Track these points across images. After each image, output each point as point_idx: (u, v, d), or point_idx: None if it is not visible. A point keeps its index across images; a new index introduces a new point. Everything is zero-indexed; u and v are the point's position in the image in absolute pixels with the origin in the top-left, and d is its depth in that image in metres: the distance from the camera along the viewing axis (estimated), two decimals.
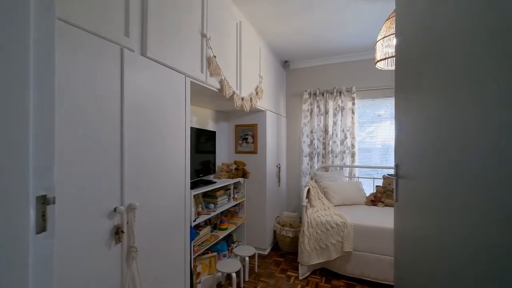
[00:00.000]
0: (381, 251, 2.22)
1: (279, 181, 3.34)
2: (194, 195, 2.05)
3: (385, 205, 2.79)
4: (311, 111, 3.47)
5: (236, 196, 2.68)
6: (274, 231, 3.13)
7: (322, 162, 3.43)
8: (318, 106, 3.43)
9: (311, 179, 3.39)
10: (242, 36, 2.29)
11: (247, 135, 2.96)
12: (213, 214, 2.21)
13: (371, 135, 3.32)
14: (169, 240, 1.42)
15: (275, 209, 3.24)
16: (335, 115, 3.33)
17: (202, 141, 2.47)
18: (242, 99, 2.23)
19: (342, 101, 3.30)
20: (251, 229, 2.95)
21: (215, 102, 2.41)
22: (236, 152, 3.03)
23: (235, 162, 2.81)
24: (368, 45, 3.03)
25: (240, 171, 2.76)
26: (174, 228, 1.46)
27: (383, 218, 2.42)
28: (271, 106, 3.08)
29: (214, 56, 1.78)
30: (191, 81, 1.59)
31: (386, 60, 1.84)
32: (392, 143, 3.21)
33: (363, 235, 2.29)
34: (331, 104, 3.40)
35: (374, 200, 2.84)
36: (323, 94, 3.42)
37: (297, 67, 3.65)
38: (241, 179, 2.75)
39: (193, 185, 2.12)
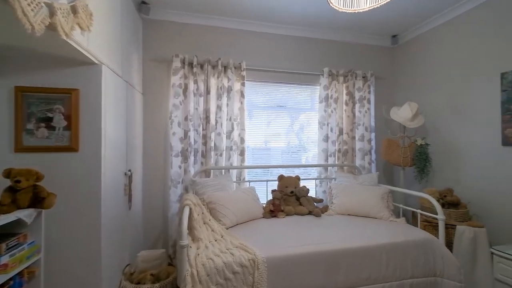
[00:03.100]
0: None
1: (129, 200, 1.92)
2: None
3: (286, 214, 2.18)
4: (186, 88, 2.32)
5: (9, 257, 1.05)
6: None
7: (202, 163, 2.37)
8: (196, 82, 2.34)
9: (187, 190, 2.23)
10: None
11: (53, 112, 1.35)
12: None
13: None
14: None
15: (123, 251, 1.80)
16: (219, 97, 2.39)
17: None
18: None
19: (229, 80, 2.42)
20: None
21: None
22: (17, 149, 1.32)
23: (11, 173, 1.14)
24: (277, 12, 2.32)
25: (26, 194, 1.14)
26: None
27: (295, 236, 1.74)
28: (115, 63, 1.64)
29: None
30: None
31: None
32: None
33: (279, 273, 1.47)
34: (213, 82, 2.42)
35: (273, 210, 2.16)
36: (202, 66, 2.38)
37: (164, 19, 2.37)
38: (29, 213, 1.13)
39: None
